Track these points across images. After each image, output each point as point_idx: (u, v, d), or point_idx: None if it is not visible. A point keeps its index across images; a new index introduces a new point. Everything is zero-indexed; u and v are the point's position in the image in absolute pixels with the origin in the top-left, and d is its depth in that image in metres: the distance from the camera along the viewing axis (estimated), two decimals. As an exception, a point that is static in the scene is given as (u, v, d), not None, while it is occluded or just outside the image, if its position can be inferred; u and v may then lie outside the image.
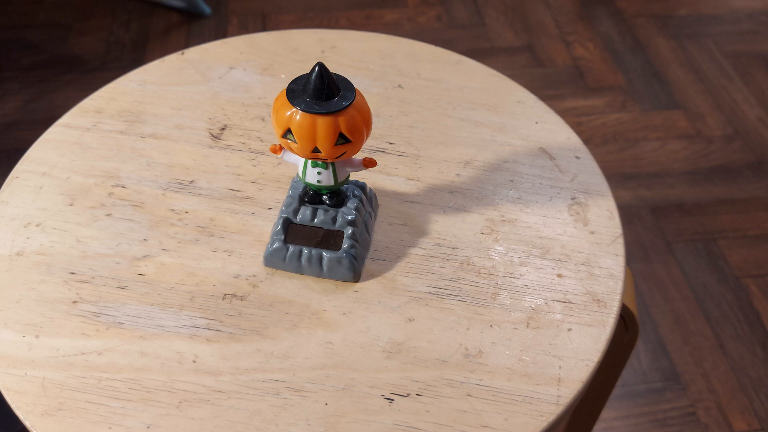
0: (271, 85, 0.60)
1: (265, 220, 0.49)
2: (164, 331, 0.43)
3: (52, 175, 0.52)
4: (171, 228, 0.49)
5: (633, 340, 0.54)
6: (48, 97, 1.35)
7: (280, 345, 0.43)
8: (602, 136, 1.30)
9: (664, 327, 1.02)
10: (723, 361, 0.99)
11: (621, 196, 1.20)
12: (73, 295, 0.45)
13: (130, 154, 0.54)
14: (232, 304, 0.45)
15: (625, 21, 1.55)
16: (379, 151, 0.54)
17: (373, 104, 0.58)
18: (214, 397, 0.40)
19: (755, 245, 1.13)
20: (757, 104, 1.36)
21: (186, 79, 0.60)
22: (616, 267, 0.47)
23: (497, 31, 1.51)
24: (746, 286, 1.07)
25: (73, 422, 0.39)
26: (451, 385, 0.41)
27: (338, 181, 0.45)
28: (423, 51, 0.63)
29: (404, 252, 0.48)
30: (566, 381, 0.41)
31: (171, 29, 1.49)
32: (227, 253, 0.47)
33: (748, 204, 1.19)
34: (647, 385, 0.97)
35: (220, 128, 0.56)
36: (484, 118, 0.57)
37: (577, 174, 0.53)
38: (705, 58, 1.46)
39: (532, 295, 0.45)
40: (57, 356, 0.42)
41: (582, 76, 1.42)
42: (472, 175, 0.53)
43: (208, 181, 0.52)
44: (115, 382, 0.41)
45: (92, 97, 0.58)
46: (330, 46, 0.63)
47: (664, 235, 1.14)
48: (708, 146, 1.29)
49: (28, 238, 0.48)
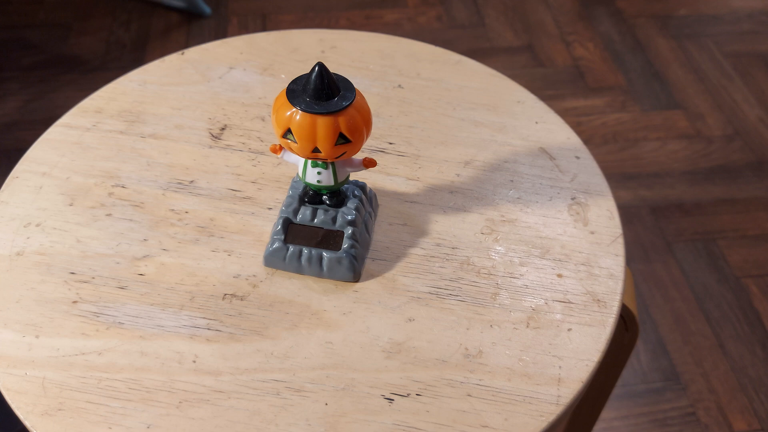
0: (271, 85, 0.60)
1: (265, 220, 0.49)
2: (164, 331, 0.43)
3: (52, 175, 0.52)
4: (171, 228, 0.49)
5: (633, 340, 0.54)
6: (48, 97, 1.35)
7: (280, 345, 0.43)
8: (602, 136, 1.30)
9: (664, 327, 1.02)
10: (723, 361, 0.99)
11: (621, 196, 1.20)
12: (73, 295, 0.45)
13: (130, 154, 0.54)
14: (232, 304, 0.45)
15: (625, 21, 1.55)
16: (379, 151, 0.54)
17: (373, 104, 0.58)
18: (214, 397, 0.40)
19: (755, 245, 1.13)
20: (757, 104, 1.36)
21: (186, 79, 0.60)
22: (616, 267, 0.47)
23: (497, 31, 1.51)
24: (746, 286, 1.07)
25: (73, 422, 0.39)
26: (451, 385, 0.41)
27: (338, 181, 0.45)
28: (423, 51, 0.63)
29: (404, 252, 0.48)
30: (566, 381, 0.41)
31: (171, 29, 1.49)
32: (227, 253, 0.47)
33: (748, 204, 1.19)
34: (647, 385, 0.97)
35: (220, 128, 0.56)
36: (484, 118, 0.57)
37: (577, 174, 0.53)
38: (705, 58, 1.46)
39: (532, 295, 0.45)
40: (57, 356, 0.42)
41: (582, 76, 1.42)
42: (472, 175, 0.53)
43: (208, 181, 0.52)
44: (115, 382, 0.41)
45: (92, 97, 0.58)
46: (330, 46, 0.63)
47: (664, 235, 1.14)
48: (708, 146, 1.29)
49: (28, 238, 0.48)
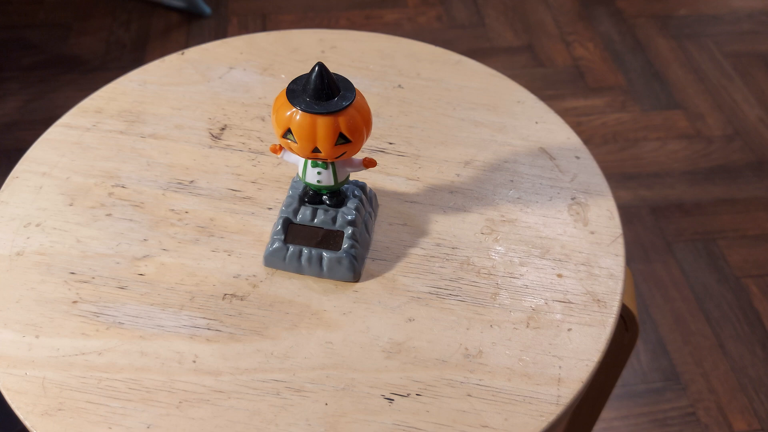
0: (271, 85, 0.60)
1: (265, 220, 0.49)
2: (164, 331, 0.43)
3: (52, 175, 0.52)
4: (171, 228, 0.49)
5: (633, 340, 0.54)
6: (48, 97, 1.35)
7: (280, 345, 0.43)
8: (602, 136, 1.30)
9: (664, 327, 1.02)
10: (723, 361, 0.99)
11: (621, 196, 1.20)
12: (73, 295, 0.45)
13: (130, 154, 0.54)
14: (232, 304, 0.45)
15: (625, 21, 1.55)
16: (379, 151, 0.54)
17: (373, 104, 0.58)
18: (214, 397, 0.40)
19: (755, 245, 1.13)
20: (757, 104, 1.36)
21: (186, 79, 0.60)
22: (616, 267, 0.47)
23: (497, 31, 1.51)
24: (746, 286, 1.07)
25: (73, 422, 0.39)
26: (451, 385, 0.41)
27: (338, 181, 0.45)
28: (423, 51, 0.63)
29: (404, 252, 0.48)
30: (566, 381, 0.41)
31: (171, 29, 1.49)
32: (227, 253, 0.47)
33: (748, 204, 1.19)
34: (647, 385, 0.97)
35: (220, 128, 0.56)
36: (484, 118, 0.57)
37: (577, 174, 0.53)
38: (705, 58, 1.46)
39: (532, 295, 0.45)
40: (57, 356, 0.42)
41: (582, 76, 1.42)
42: (472, 175, 0.53)
43: (208, 181, 0.52)
44: (115, 382, 0.41)
45: (92, 97, 0.58)
46: (330, 46, 0.63)
47: (664, 235, 1.14)
48: (708, 146, 1.29)
49: (28, 238, 0.48)
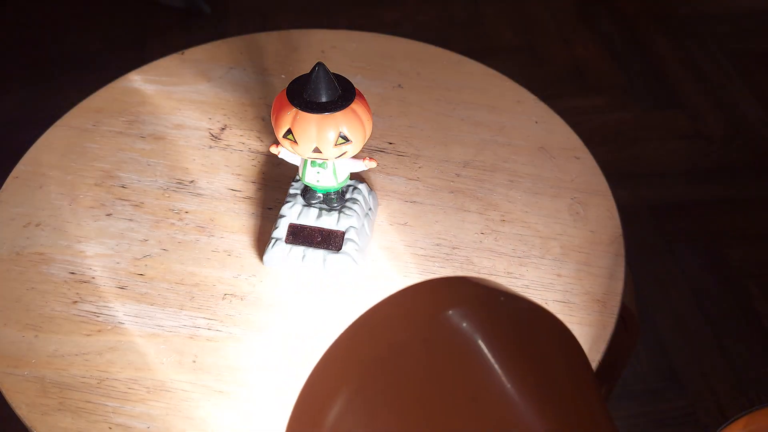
0: (271, 85, 0.60)
1: (265, 220, 0.49)
2: (164, 331, 0.43)
3: (52, 175, 0.52)
4: (171, 228, 0.49)
5: (633, 340, 0.54)
6: (48, 97, 1.35)
7: (280, 345, 0.43)
8: (602, 136, 1.30)
9: (664, 327, 1.02)
10: (723, 361, 0.99)
11: (621, 196, 1.20)
12: (73, 295, 0.45)
13: (130, 154, 0.54)
14: (232, 304, 0.45)
15: (625, 21, 1.55)
16: (379, 151, 0.54)
17: (373, 104, 0.58)
18: (215, 397, 0.40)
19: (755, 245, 1.13)
20: (757, 104, 1.36)
21: (186, 79, 0.60)
22: (616, 267, 0.47)
23: (497, 30, 1.51)
24: (746, 286, 1.07)
25: (73, 422, 0.39)
26: (451, 385, 0.41)
27: (338, 181, 0.45)
28: (423, 51, 0.63)
29: (404, 252, 0.48)
30: (566, 381, 0.41)
31: (171, 29, 1.49)
32: (227, 253, 0.47)
33: (748, 204, 1.19)
34: (647, 385, 0.97)
35: (220, 128, 0.56)
36: (484, 118, 0.57)
37: (577, 174, 0.53)
38: (705, 57, 1.46)
39: (532, 295, 0.45)
40: (57, 356, 0.42)
41: (582, 75, 1.42)
42: (472, 175, 0.53)
43: (208, 181, 0.52)
44: (115, 382, 0.41)
45: (92, 97, 0.58)
46: (330, 46, 0.63)
47: (664, 235, 1.14)
48: (708, 146, 1.29)
49: (28, 238, 0.48)
